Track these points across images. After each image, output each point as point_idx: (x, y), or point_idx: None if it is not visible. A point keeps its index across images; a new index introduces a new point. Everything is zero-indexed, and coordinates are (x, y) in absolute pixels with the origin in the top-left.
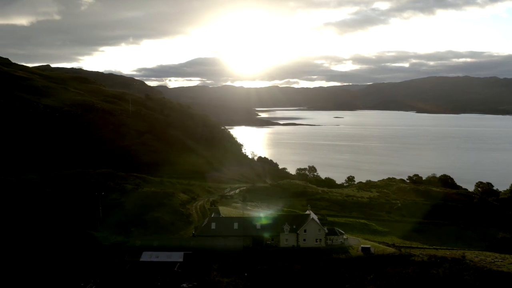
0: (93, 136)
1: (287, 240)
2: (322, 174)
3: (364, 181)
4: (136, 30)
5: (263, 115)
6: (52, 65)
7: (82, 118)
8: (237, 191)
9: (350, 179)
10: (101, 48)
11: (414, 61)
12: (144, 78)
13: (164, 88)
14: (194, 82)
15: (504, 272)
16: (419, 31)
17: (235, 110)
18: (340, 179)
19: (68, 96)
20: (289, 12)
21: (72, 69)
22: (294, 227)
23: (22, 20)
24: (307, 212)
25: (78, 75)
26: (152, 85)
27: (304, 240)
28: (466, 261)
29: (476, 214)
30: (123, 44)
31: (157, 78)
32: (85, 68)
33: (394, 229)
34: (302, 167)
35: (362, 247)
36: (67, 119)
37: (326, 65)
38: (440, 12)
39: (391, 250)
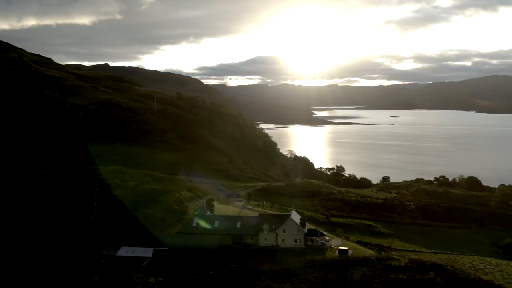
0: (117, 134)
1: (266, 239)
2: (362, 173)
3: (400, 181)
4: (197, 29)
5: (320, 113)
6: (111, 64)
7: (106, 117)
8: (250, 189)
9: (385, 179)
10: (162, 47)
11: (476, 59)
12: (205, 77)
13: (222, 86)
14: (254, 80)
15: (479, 280)
16: (482, 29)
17: (292, 109)
18: (378, 179)
19: (96, 95)
20: (349, 10)
21: (130, 67)
22: (274, 227)
23: (84, 20)
24: (291, 212)
25: (113, 74)
26: (212, 83)
27: (283, 240)
28: (448, 267)
29: (493, 218)
30: (184, 43)
31: (218, 77)
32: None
33: (401, 231)
34: (337, 166)
35: (339, 249)
36: (92, 118)
37: (387, 63)
38: (503, 10)
39: (370, 253)
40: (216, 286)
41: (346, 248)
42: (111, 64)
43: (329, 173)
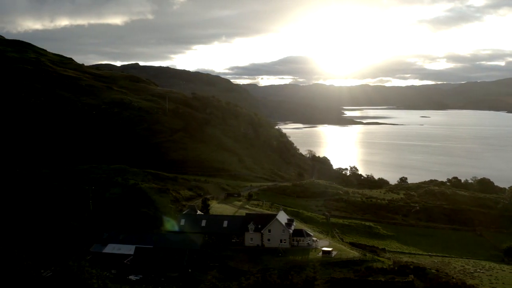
0: (126, 133)
1: (252, 239)
2: (383, 174)
3: (417, 182)
4: (228, 29)
5: (351, 113)
6: (142, 64)
7: (117, 116)
8: (255, 189)
9: (403, 180)
10: (194, 47)
11: (510, 59)
12: (237, 76)
13: (253, 86)
14: (286, 80)
15: (462, 284)
16: None
17: (322, 108)
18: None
19: (109, 94)
20: (382, 9)
21: (160, 67)
22: (259, 226)
23: (117, 20)
24: (278, 212)
25: (129, 74)
26: (243, 83)
27: (269, 240)
28: (432, 271)
29: (499, 221)
30: (215, 43)
31: (249, 76)
32: (178, 67)
33: (401, 233)
34: (350, 166)
35: (323, 250)
36: (103, 117)
37: (419, 63)
38: None
39: (354, 254)
40: (189, 284)
41: (330, 249)
42: (141, 63)
43: (347, 174)
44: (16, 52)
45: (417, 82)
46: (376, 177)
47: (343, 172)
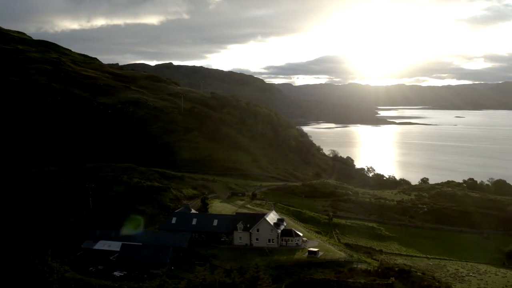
0: (139, 132)
1: (240, 238)
2: (407, 175)
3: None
4: (264, 28)
5: (386, 113)
6: (175, 63)
7: (132, 115)
8: (264, 189)
9: (424, 181)
10: (230, 46)
11: None
12: (272, 76)
13: (288, 86)
14: (322, 79)
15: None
16: None
17: (356, 108)
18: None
19: (126, 94)
20: (419, 7)
21: (193, 67)
22: (248, 226)
23: (153, 20)
24: (269, 212)
25: (150, 74)
26: (278, 82)
27: (257, 239)
28: (417, 273)
29: (509, 223)
30: (251, 42)
31: (285, 76)
32: (213, 66)
33: (404, 234)
34: (367, 166)
35: (308, 251)
36: (118, 116)
37: (456, 62)
38: None
39: (341, 255)
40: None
41: (316, 249)
42: (175, 63)
43: (369, 174)
44: (38, 52)
45: (454, 82)
46: (400, 177)
47: (364, 173)
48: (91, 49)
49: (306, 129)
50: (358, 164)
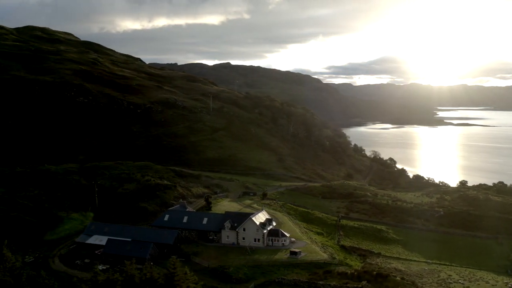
0: (166, 132)
1: (228, 237)
2: (451, 177)
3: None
4: (325, 27)
5: (445, 114)
6: (233, 63)
7: (161, 115)
8: (282, 189)
9: (462, 183)
10: (290, 46)
11: None
12: (333, 76)
13: (347, 86)
14: (384, 79)
15: None
16: None
17: (413, 109)
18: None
19: (157, 94)
20: (482, 6)
21: (250, 66)
22: (235, 225)
23: (213, 20)
24: (258, 212)
25: (187, 74)
26: (338, 82)
27: (243, 238)
28: (396, 278)
29: None
30: (312, 41)
31: (347, 76)
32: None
33: (412, 238)
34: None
35: (290, 251)
36: (146, 116)
37: None
38: None
39: (323, 256)
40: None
41: (298, 250)
42: (233, 63)
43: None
44: (78, 53)
45: None
46: (442, 179)
47: (403, 174)
48: (154, 49)
49: (360, 129)
50: (402, 166)
